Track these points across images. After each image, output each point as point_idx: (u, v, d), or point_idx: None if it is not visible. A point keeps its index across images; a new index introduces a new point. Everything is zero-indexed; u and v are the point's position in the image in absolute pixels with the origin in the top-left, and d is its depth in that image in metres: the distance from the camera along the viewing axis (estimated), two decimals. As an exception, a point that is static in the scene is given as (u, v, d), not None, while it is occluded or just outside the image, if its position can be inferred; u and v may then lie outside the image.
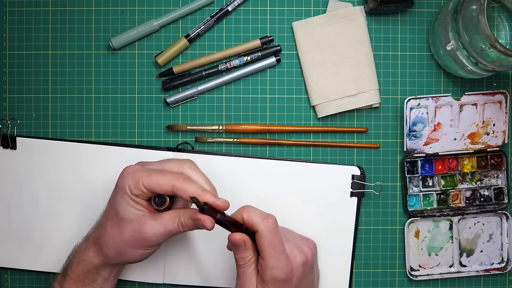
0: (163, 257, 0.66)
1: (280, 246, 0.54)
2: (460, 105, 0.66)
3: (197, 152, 0.66)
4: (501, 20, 0.66)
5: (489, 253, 0.68)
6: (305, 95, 0.67)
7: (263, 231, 0.54)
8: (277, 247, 0.54)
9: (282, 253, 0.54)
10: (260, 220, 0.54)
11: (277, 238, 0.54)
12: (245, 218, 0.55)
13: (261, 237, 0.54)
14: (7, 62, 0.67)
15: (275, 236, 0.54)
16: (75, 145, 0.66)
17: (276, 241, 0.54)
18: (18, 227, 0.66)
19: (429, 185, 0.68)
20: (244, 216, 0.55)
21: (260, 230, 0.54)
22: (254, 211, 0.55)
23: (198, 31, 0.66)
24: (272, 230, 0.54)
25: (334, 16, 0.66)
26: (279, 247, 0.54)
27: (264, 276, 0.54)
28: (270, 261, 0.54)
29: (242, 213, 0.55)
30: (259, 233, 0.54)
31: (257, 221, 0.54)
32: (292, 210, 0.66)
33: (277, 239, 0.54)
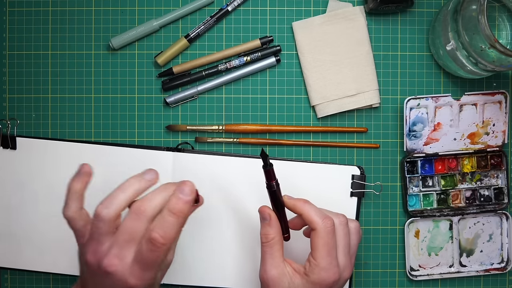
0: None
1: (334, 250, 0.54)
2: (460, 105, 0.66)
3: (197, 152, 0.66)
4: (502, 20, 0.66)
5: (489, 253, 0.68)
6: (305, 95, 0.67)
7: (321, 231, 0.53)
8: (331, 250, 0.54)
9: (334, 259, 0.54)
10: (319, 219, 0.54)
11: (333, 242, 0.54)
12: (305, 213, 0.55)
13: (317, 236, 0.53)
14: (7, 62, 0.67)
15: (331, 239, 0.54)
16: (75, 145, 0.66)
17: (331, 244, 0.54)
18: (18, 227, 0.67)
19: (429, 185, 0.68)
20: (304, 211, 0.55)
21: (318, 228, 0.53)
22: (315, 208, 0.55)
23: (198, 31, 0.66)
24: (330, 232, 0.54)
25: (334, 16, 0.66)
26: (333, 251, 0.54)
27: (310, 273, 0.54)
28: (321, 262, 0.53)
29: (302, 208, 0.55)
30: (316, 232, 0.54)
31: (316, 220, 0.54)
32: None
33: (332, 243, 0.54)
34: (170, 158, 0.66)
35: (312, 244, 0.54)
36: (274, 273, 0.55)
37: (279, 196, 0.56)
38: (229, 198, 0.66)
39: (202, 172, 0.65)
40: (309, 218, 0.54)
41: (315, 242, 0.54)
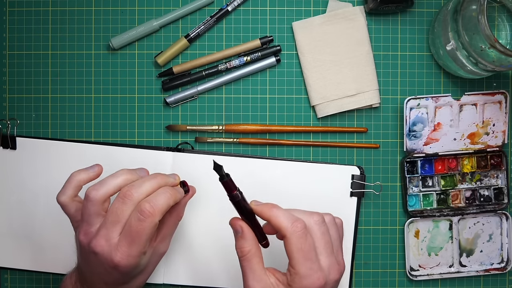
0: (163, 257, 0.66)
1: (311, 253, 0.50)
2: (460, 105, 0.66)
3: (197, 152, 0.66)
4: (501, 20, 0.66)
5: (489, 253, 0.68)
6: (305, 95, 0.67)
7: (291, 236, 0.50)
8: (307, 254, 0.50)
9: (314, 262, 0.50)
10: (288, 224, 0.50)
11: (307, 245, 0.50)
12: (272, 220, 0.51)
13: (289, 242, 0.50)
14: (7, 62, 0.67)
15: (305, 243, 0.50)
16: (75, 145, 0.66)
17: (306, 248, 0.50)
18: (18, 227, 0.67)
19: (429, 185, 0.68)
20: (271, 217, 0.51)
21: (287, 235, 0.50)
22: (283, 212, 0.51)
23: (198, 31, 0.66)
24: (301, 236, 0.50)
25: (334, 16, 0.66)
26: (310, 254, 0.50)
27: (292, 283, 0.50)
28: (300, 269, 0.50)
29: (269, 213, 0.52)
30: (287, 238, 0.50)
31: (284, 225, 0.50)
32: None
33: (307, 246, 0.50)
34: (170, 158, 0.66)
35: (287, 251, 0.50)
36: (258, 286, 0.51)
37: (246, 205, 0.53)
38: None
39: (202, 172, 0.65)
40: (277, 224, 0.51)
41: (289, 250, 0.50)
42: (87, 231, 0.53)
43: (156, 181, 0.55)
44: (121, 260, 0.52)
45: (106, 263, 0.53)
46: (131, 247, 0.52)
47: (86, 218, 0.54)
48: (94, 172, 0.57)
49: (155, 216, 0.51)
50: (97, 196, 0.53)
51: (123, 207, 0.52)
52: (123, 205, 0.52)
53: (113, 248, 0.52)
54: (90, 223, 0.53)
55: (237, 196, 0.52)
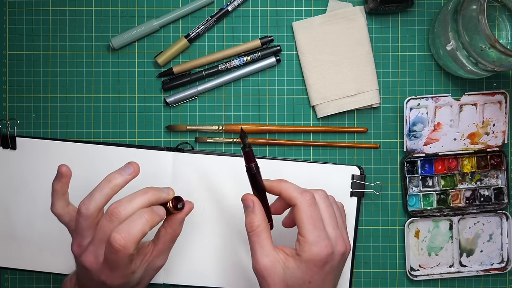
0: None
1: (320, 223, 0.52)
2: (460, 105, 0.66)
3: (197, 152, 0.66)
4: (502, 20, 0.66)
5: (489, 253, 0.68)
6: (305, 95, 0.67)
7: (301, 205, 0.52)
8: (316, 222, 0.52)
9: (322, 231, 0.52)
10: (298, 194, 0.52)
11: (316, 214, 0.52)
12: (283, 191, 0.53)
13: (299, 210, 0.52)
14: (7, 62, 0.67)
15: (314, 211, 0.52)
16: (75, 145, 0.66)
17: (315, 216, 0.52)
18: (18, 227, 0.67)
19: (429, 185, 0.68)
20: (282, 189, 0.54)
21: (298, 203, 0.52)
22: (292, 185, 0.54)
23: (198, 31, 0.66)
24: (311, 204, 0.52)
25: (334, 16, 0.66)
26: (319, 223, 0.52)
27: (301, 252, 0.52)
28: (309, 237, 0.51)
29: (280, 186, 0.54)
30: (297, 207, 0.52)
31: (294, 195, 0.52)
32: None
33: (316, 215, 0.52)
34: (170, 158, 0.66)
35: (297, 220, 0.52)
36: (267, 261, 0.52)
37: (259, 180, 0.55)
38: (229, 198, 0.66)
39: (202, 172, 0.65)
40: (288, 195, 0.53)
41: (299, 218, 0.52)
42: (80, 244, 0.54)
43: (146, 198, 0.53)
44: (106, 280, 0.52)
45: (95, 279, 0.53)
46: (113, 272, 0.52)
47: (79, 231, 0.53)
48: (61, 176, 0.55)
49: (128, 248, 0.49)
50: (88, 212, 0.52)
51: (109, 226, 0.51)
52: (110, 223, 0.51)
53: (99, 267, 0.52)
54: (83, 236, 0.53)
55: (253, 168, 0.54)
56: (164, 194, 0.54)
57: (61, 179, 0.55)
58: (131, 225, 0.50)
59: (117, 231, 0.49)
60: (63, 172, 0.55)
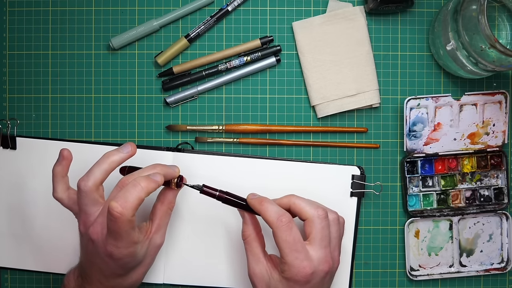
0: (163, 257, 0.66)
1: (297, 244, 0.54)
2: (460, 105, 0.66)
3: (197, 152, 0.66)
4: (501, 20, 0.66)
5: (489, 253, 0.68)
6: (305, 95, 0.67)
7: (276, 230, 0.54)
8: (292, 245, 0.54)
9: (300, 252, 0.54)
10: (274, 219, 0.54)
11: (291, 237, 0.54)
12: (262, 215, 0.55)
13: (275, 235, 0.54)
14: (7, 62, 0.67)
15: (289, 235, 0.54)
16: (75, 145, 0.66)
17: (290, 240, 0.53)
18: (18, 227, 0.67)
19: (429, 185, 0.68)
20: (261, 213, 0.56)
21: (273, 229, 0.54)
22: (271, 208, 0.55)
23: (198, 31, 0.66)
24: (286, 229, 0.54)
25: (334, 16, 0.66)
26: (295, 246, 0.54)
27: (282, 270, 0.54)
28: (287, 259, 0.54)
29: (259, 208, 0.56)
30: (273, 232, 0.54)
31: (270, 220, 0.54)
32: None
33: (291, 238, 0.54)
34: (170, 158, 0.66)
35: (276, 243, 0.55)
36: (256, 269, 0.56)
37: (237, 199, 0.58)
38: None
39: (202, 172, 0.65)
40: (265, 218, 0.55)
41: (276, 241, 0.54)
42: (85, 221, 0.55)
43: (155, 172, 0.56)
44: (112, 250, 0.53)
45: (101, 251, 0.54)
46: (117, 241, 0.53)
47: (83, 208, 0.55)
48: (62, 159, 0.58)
49: (125, 214, 0.51)
50: (87, 187, 0.54)
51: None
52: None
53: (105, 237, 0.53)
54: (88, 213, 0.55)
55: (222, 197, 0.57)
56: (171, 170, 0.57)
57: (62, 161, 0.57)
58: (127, 192, 0.52)
59: (115, 199, 0.51)
60: (65, 154, 0.57)
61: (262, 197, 0.57)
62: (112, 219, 0.51)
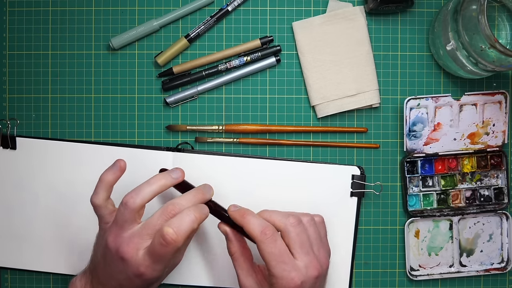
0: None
1: (283, 256, 0.53)
2: (460, 105, 0.66)
3: (197, 152, 0.66)
4: (501, 20, 0.66)
5: (489, 253, 0.68)
6: (305, 95, 0.67)
7: (260, 244, 0.54)
8: (278, 257, 0.53)
9: (287, 264, 0.53)
10: (258, 232, 0.54)
11: (276, 249, 0.53)
12: (245, 228, 0.55)
13: (260, 248, 0.54)
14: (7, 62, 0.67)
15: (274, 247, 0.53)
16: (75, 145, 0.66)
17: (276, 252, 0.53)
18: (18, 227, 0.67)
19: (429, 185, 0.68)
20: (244, 225, 0.55)
21: (257, 242, 0.54)
22: (254, 221, 0.55)
23: (198, 31, 0.66)
24: (270, 241, 0.53)
25: (334, 16, 0.66)
26: (282, 257, 0.53)
27: (271, 284, 0.54)
28: (274, 271, 0.53)
29: (241, 221, 0.55)
30: (257, 245, 0.54)
31: (254, 234, 0.54)
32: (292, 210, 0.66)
33: (277, 250, 0.53)
34: (170, 158, 0.66)
35: (261, 256, 0.54)
36: (246, 282, 0.57)
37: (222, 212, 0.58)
38: (229, 197, 0.66)
39: (202, 172, 0.65)
40: (248, 231, 0.55)
41: (261, 254, 0.54)
42: (118, 235, 0.54)
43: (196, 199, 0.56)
44: (145, 271, 0.53)
45: (131, 270, 0.53)
46: (155, 264, 0.53)
47: (120, 223, 0.54)
48: (118, 169, 0.57)
49: (178, 242, 0.52)
50: (135, 205, 0.54)
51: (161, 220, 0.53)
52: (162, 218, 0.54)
53: (140, 258, 0.53)
54: (123, 228, 0.54)
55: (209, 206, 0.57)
56: (208, 195, 0.58)
57: (116, 172, 0.57)
58: (182, 220, 0.52)
59: (169, 225, 0.52)
60: (122, 166, 0.57)
61: (243, 210, 0.56)
62: (163, 244, 0.51)
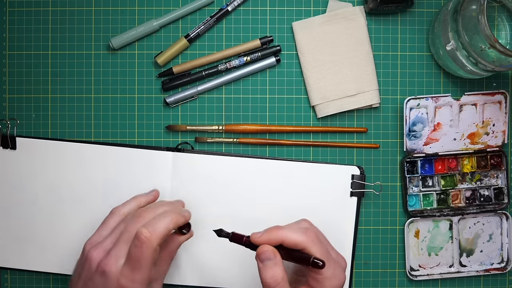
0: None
1: (328, 254, 0.51)
2: (459, 105, 0.66)
3: (197, 152, 0.66)
4: (501, 20, 0.66)
5: (489, 253, 0.68)
6: (305, 95, 0.67)
7: (310, 245, 0.50)
8: (328, 256, 0.51)
9: (333, 262, 0.51)
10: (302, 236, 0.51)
11: (324, 248, 0.51)
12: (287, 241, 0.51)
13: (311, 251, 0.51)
14: (7, 62, 0.67)
15: (322, 247, 0.51)
16: (75, 145, 0.66)
17: (324, 250, 0.51)
18: (18, 227, 0.67)
19: (429, 185, 0.68)
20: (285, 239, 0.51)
21: (306, 245, 0.50)
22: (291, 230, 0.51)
23: (198, 31, 0.66)
24: (317, 241, 0.51)
25: (334, 16, 0.66)
26: (329, 255, 0.51)
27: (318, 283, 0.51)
28: (327, 272, 0.50)
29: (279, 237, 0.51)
30: (307, 249, 0.51)
31: (300, 239, 0.51)
32: (292, 210, 0.66)
33: (324, 249, 0.51)
34: (170, 158, 0.66)
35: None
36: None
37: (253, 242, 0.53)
38: (228, 198, 0.66)
39: (202, 172, 0.65)
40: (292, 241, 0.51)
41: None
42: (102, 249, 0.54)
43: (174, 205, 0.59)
44: (125, 284, 0.52)
45: (111, 284, 0.52)
46: (135, 273, 0.52)
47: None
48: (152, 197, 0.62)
49: (153, 241, 0.51)
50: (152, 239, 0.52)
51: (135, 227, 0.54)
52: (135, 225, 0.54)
53: (119, 270, 0.52)
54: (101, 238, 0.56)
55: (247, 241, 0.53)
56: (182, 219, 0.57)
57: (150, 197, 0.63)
58: (157, 221, 0.53)
59: (144, 226, 0.52)
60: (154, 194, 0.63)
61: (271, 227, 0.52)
62: (137, 244, 0.51)
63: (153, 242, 0.51)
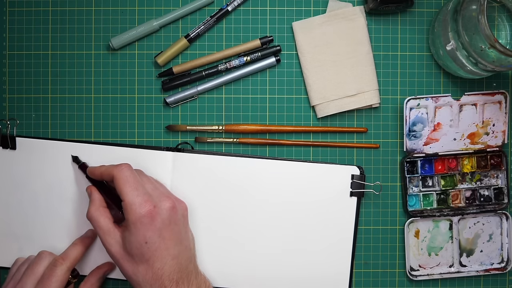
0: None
1: (137, 184, 0.57)
2: (459, 105, 0.66)
3: (197, 152, 0.66)
4: (501, 20, 0.66)
5: (489, 253, 0.68)
6: (305, 95, 0.67)
7: (117, 174, 0.57)
8: (132, 184, 0.56)
9: (140, 190, 0.56)
10: (114, 167, 0.58)
11: (132, 178, 0.57)
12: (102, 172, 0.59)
13: (116, 180, 0.57)
14: (7, 62, 0.67)
15: (130, 176, 0.57)
16: (75, 145, 0.66)
17: (131, 180, 0.57)
18: (18, 227, 0.66)
19: (429, 185, 0.68)
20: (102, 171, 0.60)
21: (114, 174, 0.57)
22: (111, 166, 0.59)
23: (198, 31, 0.66)
24: (125, 170, 0.57)
25: (334, 16, 0.66)
26: (136, 185, 0.57)
27: (127, 216, 0.56)
28: (128, 198, 0.56)
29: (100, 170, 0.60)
30: (114, 177, 0.57)
31: (111, 169, 0.58)
32: (292, 210, 0.66)
33: (132, 179, 0.57)
34: (170, 158, 0.66)
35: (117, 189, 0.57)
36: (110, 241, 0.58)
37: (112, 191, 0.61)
38: (228, 198, 0.66)
39: (202, 172, 0.65)
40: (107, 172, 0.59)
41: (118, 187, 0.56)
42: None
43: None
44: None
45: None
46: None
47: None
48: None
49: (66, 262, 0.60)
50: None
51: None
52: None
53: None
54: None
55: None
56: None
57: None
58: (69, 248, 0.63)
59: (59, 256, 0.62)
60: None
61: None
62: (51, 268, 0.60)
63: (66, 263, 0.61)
